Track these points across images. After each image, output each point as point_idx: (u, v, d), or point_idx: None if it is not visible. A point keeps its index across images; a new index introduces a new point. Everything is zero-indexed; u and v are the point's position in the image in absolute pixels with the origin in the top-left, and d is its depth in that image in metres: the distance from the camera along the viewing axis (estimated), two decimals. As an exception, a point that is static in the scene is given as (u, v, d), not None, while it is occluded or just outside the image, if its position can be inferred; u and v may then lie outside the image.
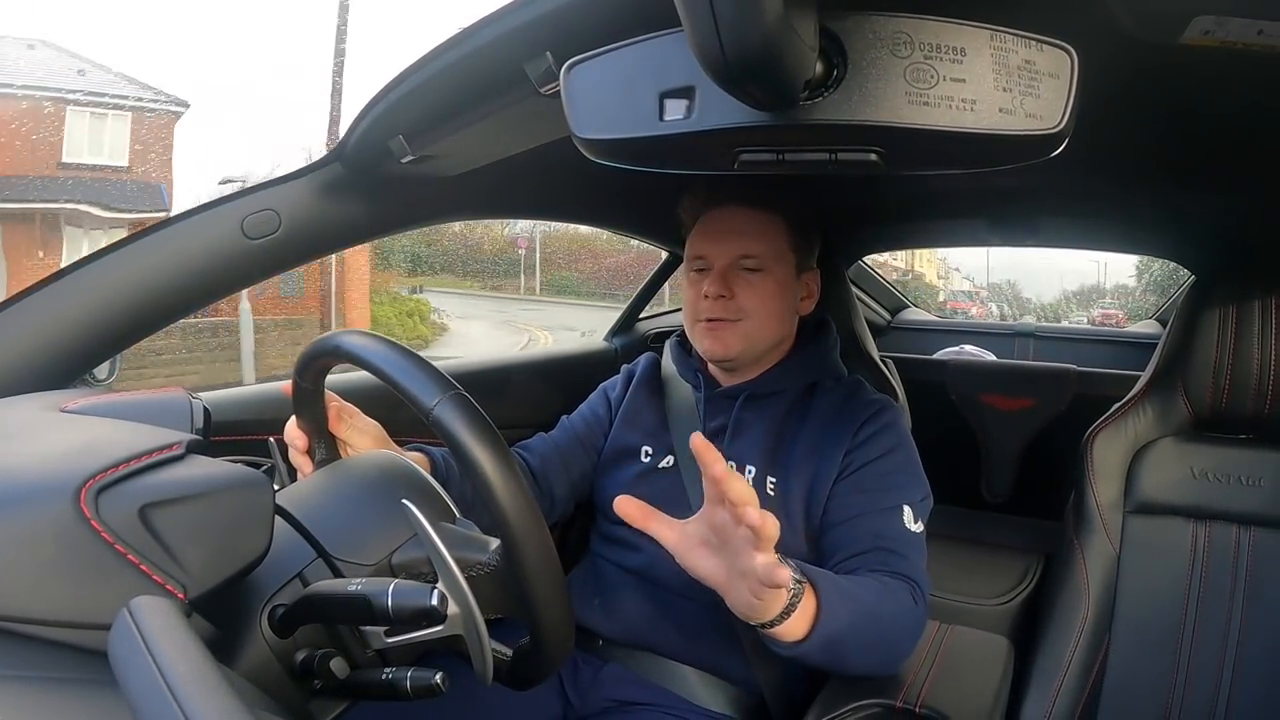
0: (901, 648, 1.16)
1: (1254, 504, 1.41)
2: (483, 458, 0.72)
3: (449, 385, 0.75)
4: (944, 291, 16.69)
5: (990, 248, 3.48)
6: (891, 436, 1.30)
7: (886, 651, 1.14)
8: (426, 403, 0.74)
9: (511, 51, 0.82)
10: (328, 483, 0.91)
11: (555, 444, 1.48)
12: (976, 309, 12.26)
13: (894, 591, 1.14)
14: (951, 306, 12.80)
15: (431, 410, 0.74)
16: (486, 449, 0.72)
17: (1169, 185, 1.46)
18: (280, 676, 0.73)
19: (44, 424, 0.73)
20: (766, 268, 1.30)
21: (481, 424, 0.73)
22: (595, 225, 2.01)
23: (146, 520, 0.59)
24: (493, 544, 0.81)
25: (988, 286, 14.99)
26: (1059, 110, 0.59)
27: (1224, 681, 1.35)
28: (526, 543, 0.72)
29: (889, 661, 1.16)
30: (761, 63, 0.51)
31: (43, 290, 1.04)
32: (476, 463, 0.71)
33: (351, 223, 1.25)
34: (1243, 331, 1.43)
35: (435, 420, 0.74)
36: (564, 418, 1.56)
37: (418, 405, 0.75)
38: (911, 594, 1.16)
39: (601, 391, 1.57)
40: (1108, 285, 13.81)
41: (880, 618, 1.10)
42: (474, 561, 0.79)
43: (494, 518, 0.72)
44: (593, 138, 0.70)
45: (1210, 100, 0.97)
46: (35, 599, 0.55)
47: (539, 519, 0.74)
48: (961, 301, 14.19)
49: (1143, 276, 10.83)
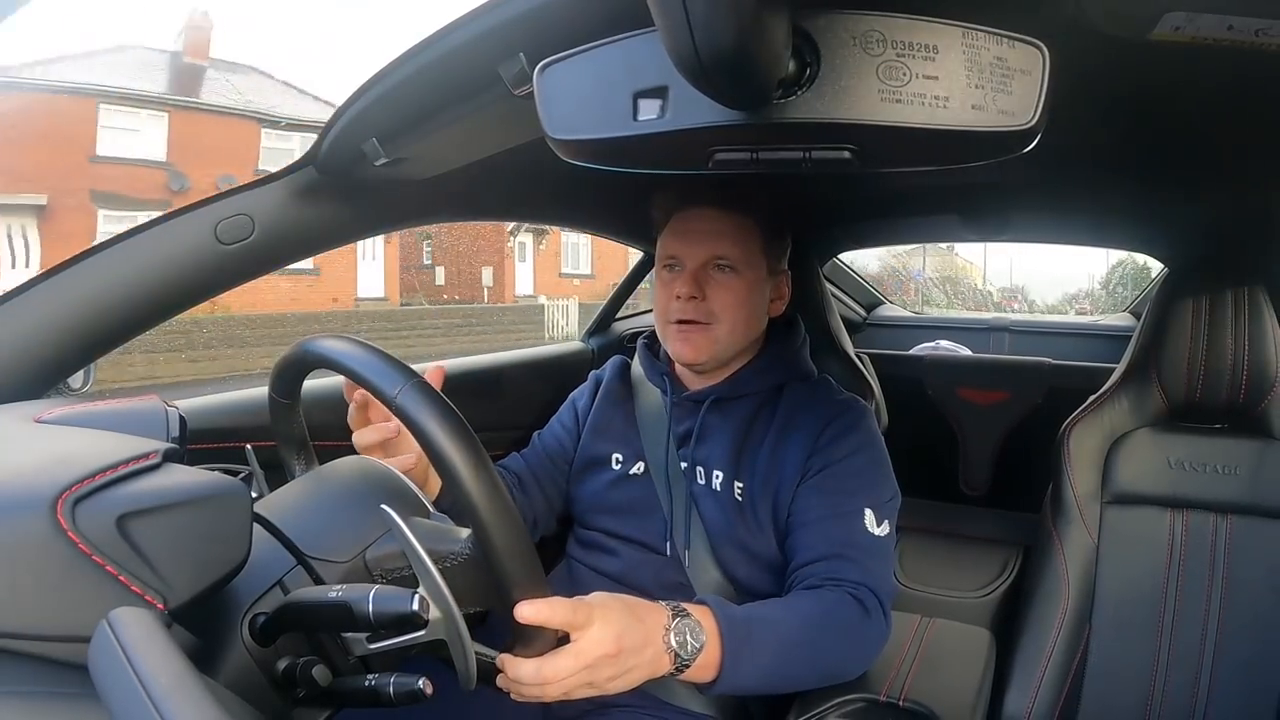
0: (848, 664, 1.16)
1: (1230, 492, 1.42)
2: (446, 442, 0.72)
3: (410, 374, 0.76)
4: (997, 293, 19.72)
5: (1007, 255, 3.54)
6: (857, 437, 1.29)
7: (831, 669, 1.15)
8: (389, 391, 0.75)
9: (485, 53, 0.82)
10: (305, 489, 0.91)
11: (529, 465, 1.48)
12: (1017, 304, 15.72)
13: (833, 609, 1.14)
14: (1005, 303, 16.17)
15: (395, 398, 0.74)
16: (449, 434, 0.72)
17: (1140, 179, 1.48)
18: (262, 685, 0.72)
19: (18, 435, 0.73)
20: (739, 269, 1.29)
21: (443, 409, 0.73)
22: (570, 226, 2.01)
23: (124, 530, 0.58)
24: (463, 533, 0.81)
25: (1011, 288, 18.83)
26: (1031, 107, 0.59)
27: (1204, 669, 1.37)
28: (495, 523, 0.72)
29: (837, 671, 1.16)
30: (735, 62, 0.52)
31: (14, 300, 1.03)
32: (440, 447, 0.71)
33: (326, 227, 1.24)
34: (1215, 322, 1.44)
35: (399, 408, 0.74)
36: (536, 435, 1.55)
37: (381, 395, 0.76)
38: (862, 604, 1.15)
39: (570, 403, 1.56)
40: (1098, 290, 16.51)
41: (814, 643, 1.11)
42: (446, 553, 0.79)
43: (460, 501, 0.72)
44: (567, 138, 0.70)
45: (1181, 95, 0.98)
46: (13, 613, 0.54)
47: (506, 500, 0.74)
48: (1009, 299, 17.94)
49: (1110, 281, 13.45)
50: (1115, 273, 12.85)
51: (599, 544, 1.37)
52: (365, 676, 0.73)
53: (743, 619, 1.05)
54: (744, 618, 1.05)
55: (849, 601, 1.15)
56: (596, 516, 1.38)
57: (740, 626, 1.03)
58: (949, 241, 2.60)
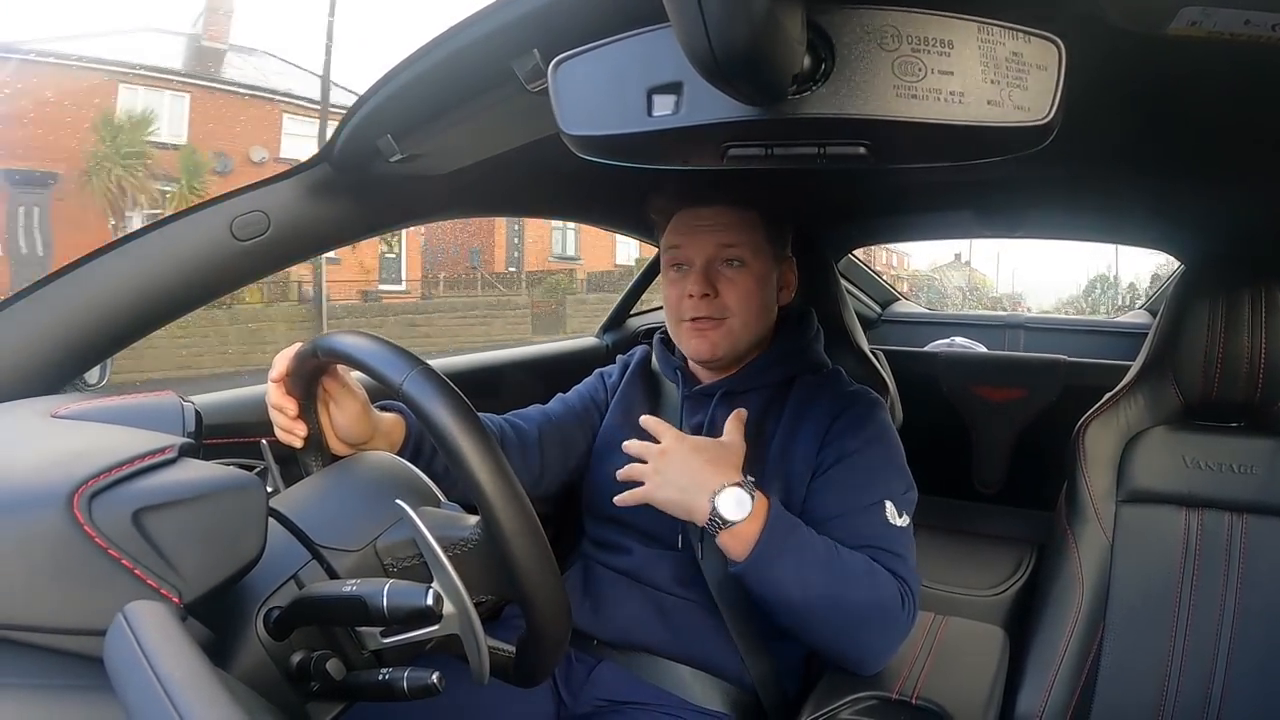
0: (874, 629, 1.16)
1: (1247, 491, 1.41)
2: (454, 428, 0.72)
3: (416, 361, 0.77)
4: (1006, 300, 22.71)
5: (1011, 267, 3.56)
6: (869, 428, 1.29)
7: (853, 620, 1.14)
8: (396, 379, 0.76)
9: (499, 49, 0.82)
10: (321, 485, 0.92)
11: (551, 417, 1.46)
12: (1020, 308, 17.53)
13: (875, 572, 1.15)
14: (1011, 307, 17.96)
15: (401, 385, 0.75)
16: (457, 419, 0.73)
17: (1157, 175, 1.46)
18: (276, 679, 0.72)
19: (35, 430, 0.73)
20: (747, 262, 1.29)
21: (449, 394, 0.74)
22: (584, 222, 2.01)
23: (140, 525, 0.59)
24: (472, 520, 0.81)
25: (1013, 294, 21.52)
26: (1047, 102, 0.59)
27: (1218, 669, 1.36)
28: (504, 509, 0.73)
29: (860, 641, 1.16)
30: (749, 57, 0.51)
31: (32, 295, 1.04)
32: (448, 433, 0.72)
33: (340, 223, 1.24)
34: (1233, 319, 1.43)
35: (405, 395, 0.75)
36: (560, 395, 1.54)
37: (388, 383, 0.77)
38: (900, 593, 1.15)
39: (598, 376, 1.55)
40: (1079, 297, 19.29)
41: (849, 577, 1.13)
42: (456, 540, 0.79)
43: (469, 488, 0.72)
44: (581, 134, 0.70)
45: (1197, 90, 0.97)
46: (30, 606, 0.55)
47: (515, 485, 0.74)
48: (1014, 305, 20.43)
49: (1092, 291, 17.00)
50: (1095, 286, 17.38)
51: (613, 542, 1.37)
52: (379, 671, 0.74)
53: (792, 524, 1.14)
54: (793, 524, 1.14)
55: (893, 582, 1.16)
56: (610, 506, 1.38)
57: (787, 525, 1.13)
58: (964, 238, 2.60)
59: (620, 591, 1.33)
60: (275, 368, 1.00)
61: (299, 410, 1.00)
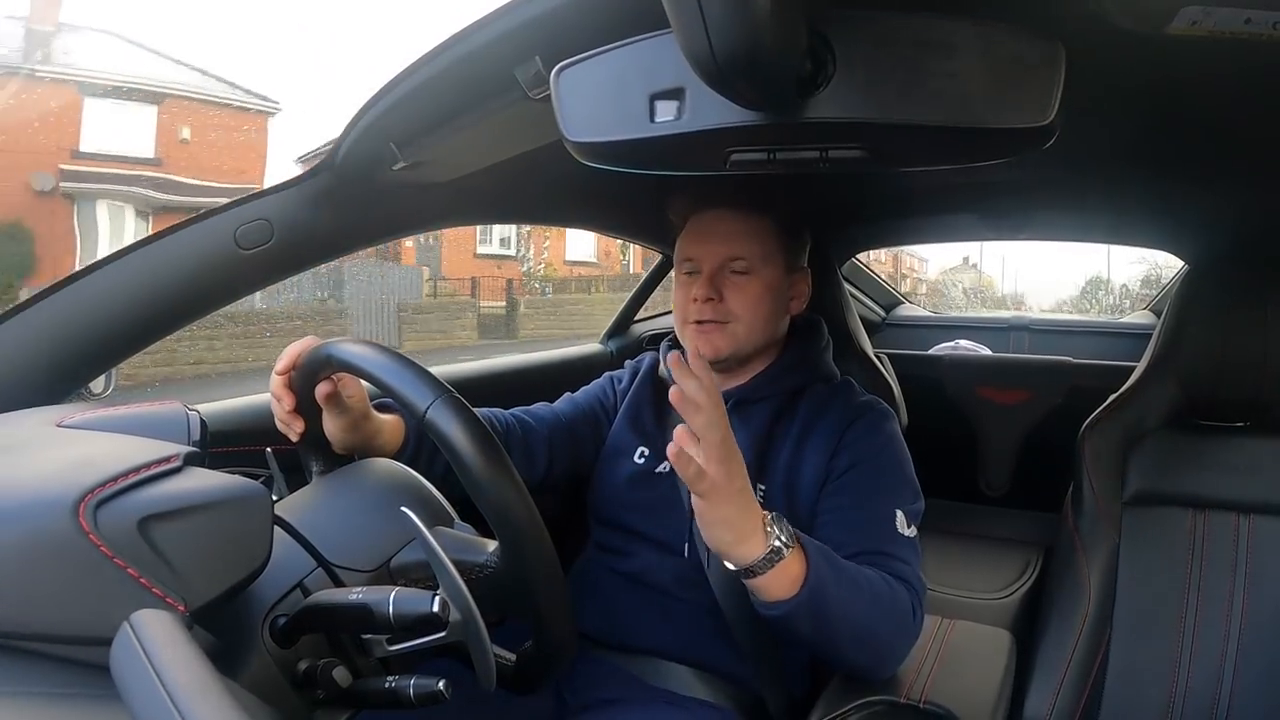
0: (896, 645, 1.15)
1: (1253, 492, 1.40)
2: (478, 462, 0.72)
3: (441, 388, 0.76)
4: (1009, 300, 23.22)
5: (1013, 270, 3.56)
6: (878, 439, 1.29)
7: (880, 641, 1.13)
8: (419, 406, 0.75)
9: (501, 56, 0.82)
10: (326, 492, 0.92)
11: (561, 415, 1.46)
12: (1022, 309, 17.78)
13: (894, 587, 1.13)
14: (1014, 308, 18.47)
15: (425, 414, 0.75)
16: (482, 453, 0.73)
17: (1159, 175, 1.46)
18: (283, 687, 0.72)
19: (41, 439, 0.73)
20: (754, 270, 1.29)
21: (475, 426, 0.74)
22: (588, 228, 2.00)
23: (146, 533, 0.59)
24: (490, 546, 0.81)
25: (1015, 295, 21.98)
26: (1048, 103, 0.59)
27: (1226, 670, 1.35)
28: (526, 545, 0.73)
29: (884, 656, 1.15)
30: (750, 62, 0.52)
31: (37, 305, 1.04)
32: (472, 466, 0.72)
33: (344, 230, 1.25)
34: (1237, 319, 1.42)
35: (429, 424, 0.75)
36: (568, 395, 1.54)
37: (411, 409, 0.76)
38: (910, 598, 1.15)
39: (608, 379, 1.55)
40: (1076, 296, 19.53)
41: (878, 600, 1.10)
42: (473, 565, 0.79)
43: (491, 521, 0.72)
44: (584, 141, 0.70)
45: (1199, 89, 0.97)
46: (36, 615, 0.55)
47: (537, 520, 0.74)
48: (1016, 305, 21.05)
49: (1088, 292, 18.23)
50: (1092, 287, 18.11)
51: (617, 545, 1.36)
52: (385, 678, 0.74)
53: (826, 551, 1.07)
54: (827, 550, 1.07)
55: (904, 588, 1.15)
56: (616, 511, 1.37)
57: (824, 554, 1.05)
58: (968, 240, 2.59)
59: (624, 593, 1.33)
60: (283, 360, 1.00)
61: (294, 405, 1.00)
